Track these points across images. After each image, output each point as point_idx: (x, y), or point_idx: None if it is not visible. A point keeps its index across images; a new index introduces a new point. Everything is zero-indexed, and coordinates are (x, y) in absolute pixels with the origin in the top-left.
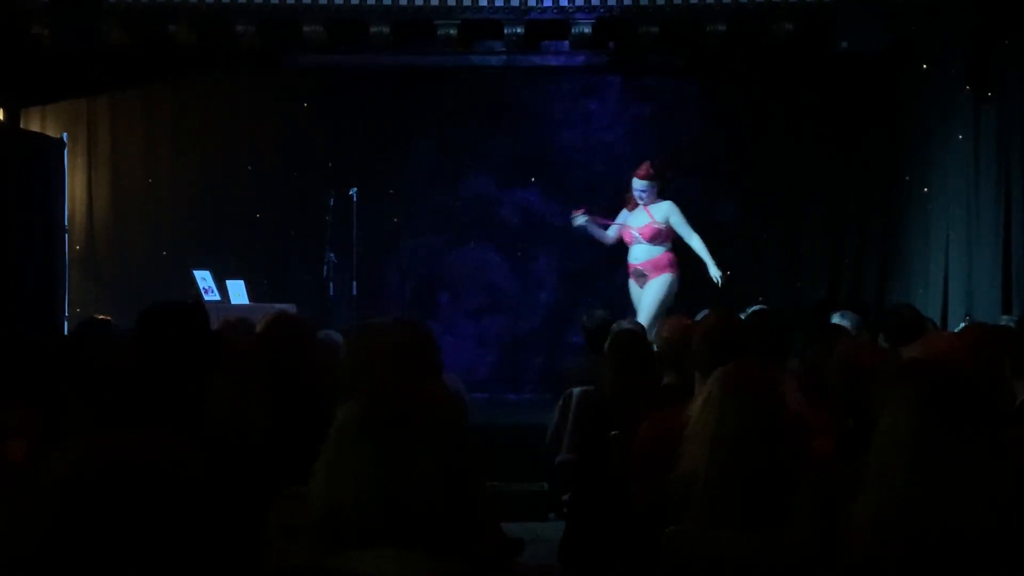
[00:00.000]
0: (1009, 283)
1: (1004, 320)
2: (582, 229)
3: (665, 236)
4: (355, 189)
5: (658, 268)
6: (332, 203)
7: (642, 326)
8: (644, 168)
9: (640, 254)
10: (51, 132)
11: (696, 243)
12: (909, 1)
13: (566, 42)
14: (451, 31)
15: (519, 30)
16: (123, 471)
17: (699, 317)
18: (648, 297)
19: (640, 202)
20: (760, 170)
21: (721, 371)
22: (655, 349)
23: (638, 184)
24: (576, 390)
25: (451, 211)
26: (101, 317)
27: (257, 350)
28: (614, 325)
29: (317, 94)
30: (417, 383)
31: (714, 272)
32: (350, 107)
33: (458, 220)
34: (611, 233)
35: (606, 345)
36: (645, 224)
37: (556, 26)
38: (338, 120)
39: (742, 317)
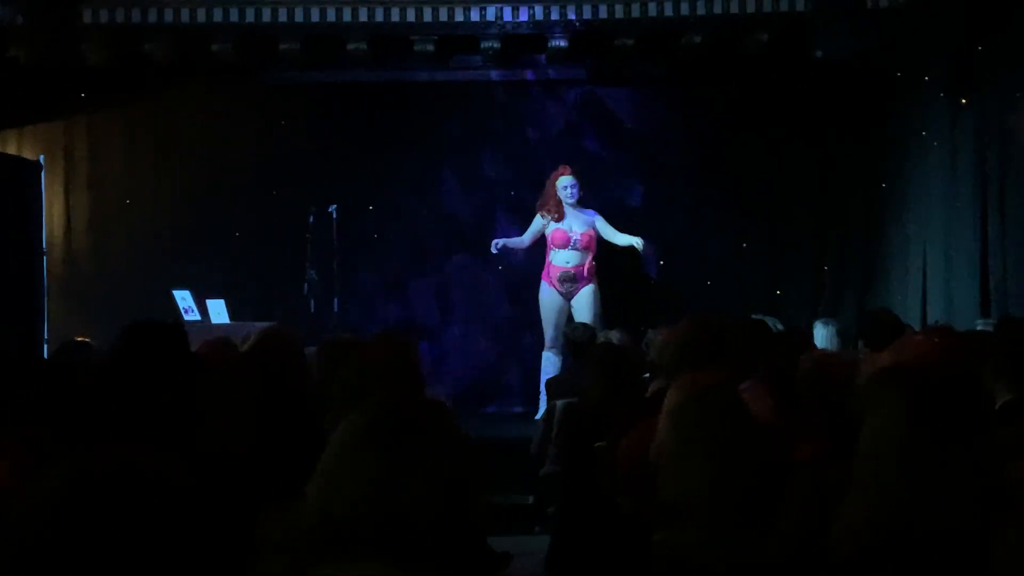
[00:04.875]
0: (987, 287)
1: (980, 324)
2: (504, 250)
3: (595, 244)
4: (335, 206)
5: (589, 276)
6: (312, 220)
7: (629, 338)
8: (562, 168)
9: (572, 258)
10: (28, 154)
11: (622, 238)
12: (883, 9)
13: (543, 56)
14: (428, 47)
15: (496, 45)
16: (109, 486)
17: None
18: (586, 311)
19: (571, 200)
20: (740, 179)
21: (678, 380)
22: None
23: (568, 180)
24: (560, 402)
25: (432, 226)
26: (81, 339)
27: (242, 367)
28: (600, 335)
29: (296, 111)
30: (416, 397)
31: (637, 241)
32: (329, 123)
33: (439, 235)
34: (526, 239)
35: (590, 357)
36: (585, 231)
37: (533, 40)
38: (317, 137)
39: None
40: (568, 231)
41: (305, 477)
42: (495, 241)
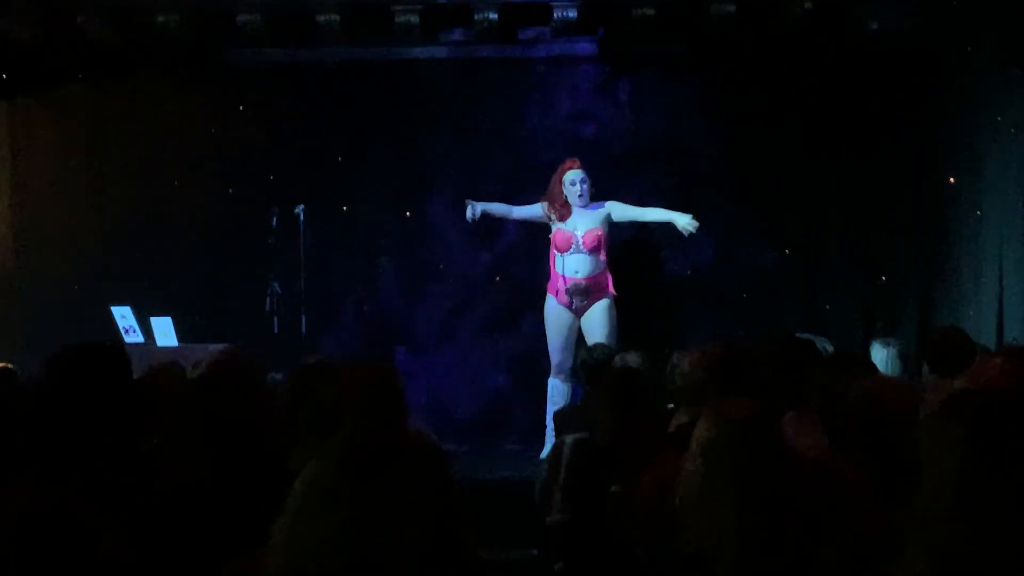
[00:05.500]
0: None
1: None
2: (486, 219)
3: (606, 245)
4: (302, 206)
5: (601, 288)
6: (275, 223)
7: (650, 362)
8: (570, 161)
9: (581, 266)
10: None
11: (652, 213)
12: None
13: (547, 29)
14: (412, 18)
15: (491, 16)
16: (17, 535)
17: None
18: (599, 329)
19: (581, 201)
20: (775, 175)
21: (708, 411)
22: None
23: (576, 175)
24: (569, 438)
25: (417, 230)
26: (2, 365)
27: (193, 397)
28: (616, 358)
29: (256, 96)
30: (397, 431)
31: (684, 223)
32: (296, 110)
33: (426, 241)
34: (515, 211)
35: (604, 384)
36: (590, 229)
37: (535, 10)
38: (282, 125)
39: None
40: (571, 231)
41: (269, 524)
42: (470, 203)
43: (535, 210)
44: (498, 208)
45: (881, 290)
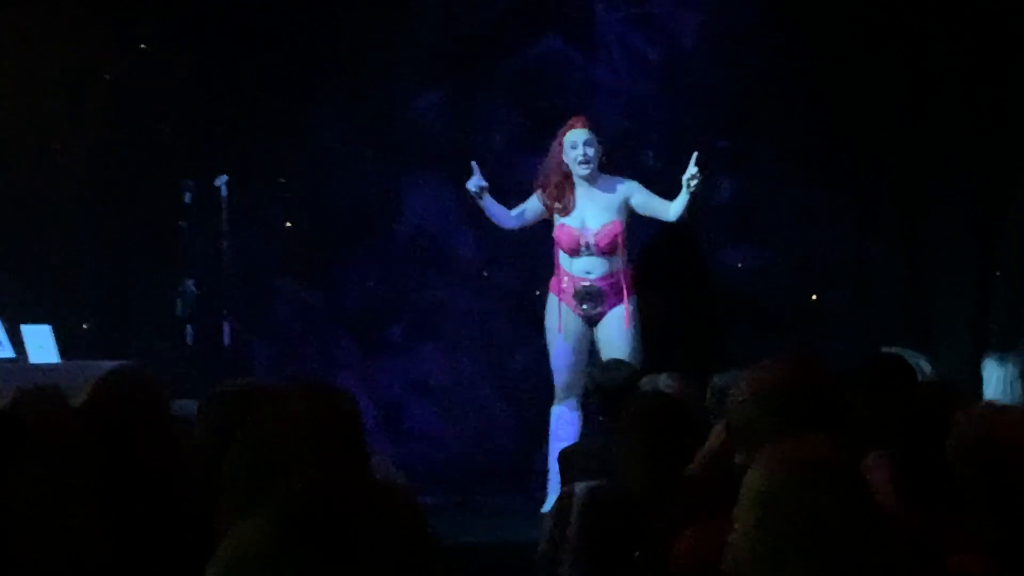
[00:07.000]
0: None
1: None
2: (478, 198)
3: (624, 240)
4: (225, 177)
5: (618, 291)
6: (189, 200)
7: (687, 386)
8: (574, 119)
9: (593, 267)
10: None
11: (673, 210)
12: None
13: None
14: None
15: None
16: None
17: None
18: (618, 342)
19: (585, 169)
20: (866, 140)
21: (766, 452)
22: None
23: (580, 136)
24: (580, 487)
25: (383, 209)
26: None
27: (77, 431)
28: (643, 381)
29: (162, 27)
30: (357, 478)
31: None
32: (215, 45)
33: (395, 223)
34: (512, 219)
35: (627, 415)
36: (604, 225)
37: None
38: (196, 68)
39: None
40: (579, 229)
41: None
42: (477, 170)
43: (531, 206)
44: (494, 210)
45: (997, 289)
